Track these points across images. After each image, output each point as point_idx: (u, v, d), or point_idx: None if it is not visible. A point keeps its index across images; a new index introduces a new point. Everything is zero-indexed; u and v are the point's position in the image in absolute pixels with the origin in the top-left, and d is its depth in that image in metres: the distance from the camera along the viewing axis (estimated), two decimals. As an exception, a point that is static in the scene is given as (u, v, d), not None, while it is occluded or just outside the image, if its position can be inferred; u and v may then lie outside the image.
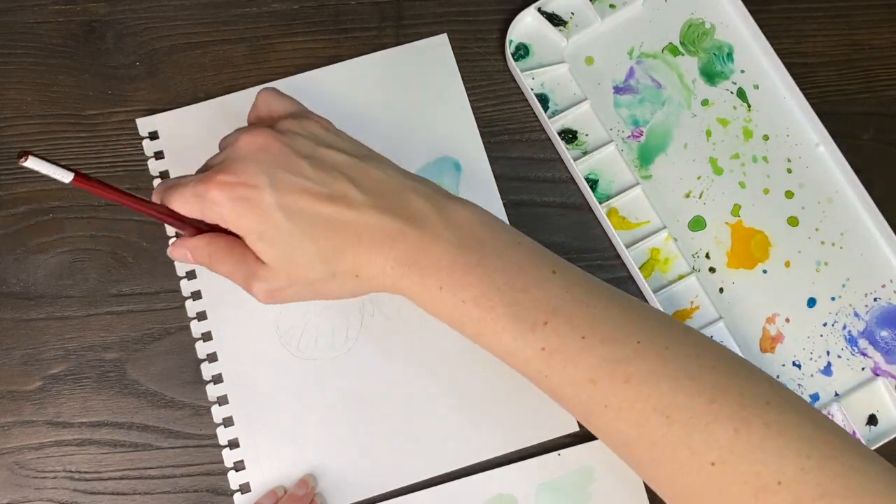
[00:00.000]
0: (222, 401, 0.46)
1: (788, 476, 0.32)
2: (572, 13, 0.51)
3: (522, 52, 0.51)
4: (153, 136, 0.49)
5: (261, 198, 0.37)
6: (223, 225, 0.38)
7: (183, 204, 0.38)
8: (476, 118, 0.50)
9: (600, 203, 0.48)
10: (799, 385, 0.47)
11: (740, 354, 0.46)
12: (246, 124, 0.43)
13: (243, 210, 0.37)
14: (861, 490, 0.32)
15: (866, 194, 0.49)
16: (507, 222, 0.49)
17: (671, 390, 0.34)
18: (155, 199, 0.39)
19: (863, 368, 0.48)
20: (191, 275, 0.48)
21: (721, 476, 0.33)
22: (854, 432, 0.46)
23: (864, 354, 0.48)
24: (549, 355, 0.36)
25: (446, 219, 0.38)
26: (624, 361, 0.35)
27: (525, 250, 0.39)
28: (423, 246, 0.37)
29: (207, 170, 0.39)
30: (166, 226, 0.48)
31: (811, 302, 0.48)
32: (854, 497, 0.32)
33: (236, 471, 0.46)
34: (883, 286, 0.49)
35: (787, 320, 0.48)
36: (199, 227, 0.40)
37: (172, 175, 0.49)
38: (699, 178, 0.50)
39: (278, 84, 0.50)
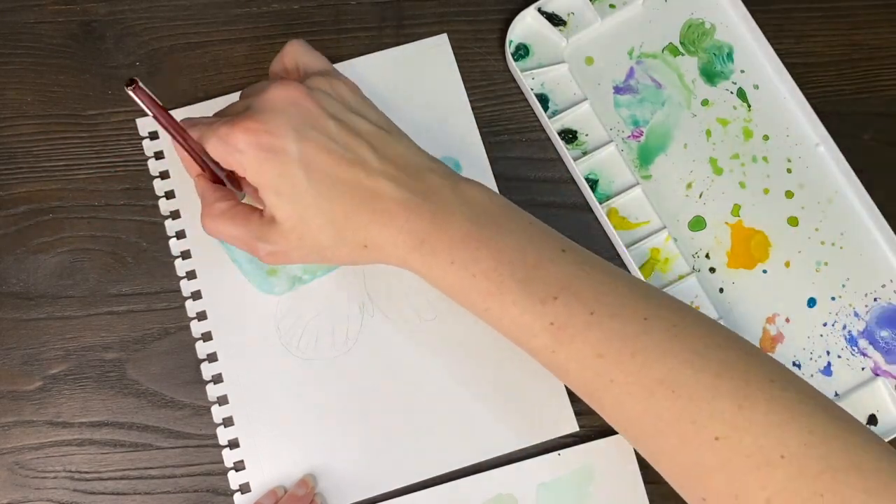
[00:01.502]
0: (222, 401, 0.46)
1: (792, 450, 0.33)
2: (572, 13, 0.51)
3: (522, 52, 0.51)
4: (153, 136, 0.49)
5: (285, 151, 0.37)
6: (241, 173, 0.38)
7: (206, 143, 0.38)
8: (476, 118, 0.50)
9: (600, 203, 0.48)
10: (799, 385, 0.47)
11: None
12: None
13: (265, 161, 0.37)
14: (863, 465, 0.32)
15: (866, 194, 0.49)
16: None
17: (678, 365, 0.34)
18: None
19: (863, 368, 0.48)
20: (191, 275, 0.48)
21: (725, 450, 0.33)
22: (854, 432, 0.46)
23: (864, 354, 0.48)
24: (557, 329, 0.36)
25: (461, 196, 0.39)
26: (632, 337, 0.35)
27: (536, 229, 0.39)
28: (437, 221, 0.38)
29: (228, 116, 0.39)
30: (166, 226, 0.48)
31: (811, 302, 0.48)
32: (856, 471, 0.32)
33: (236, 471, 0.46)
34: (883, 286, 0.49)
35: (787, 320, 0.48)
36: (216, 175, 0.41)
37: (173, 175, 0.49)
38: (699, 178, 0.50)
39: (278, 84, 0.50)
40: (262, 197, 0.38)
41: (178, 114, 0.49)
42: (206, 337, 0.47)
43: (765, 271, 0.49)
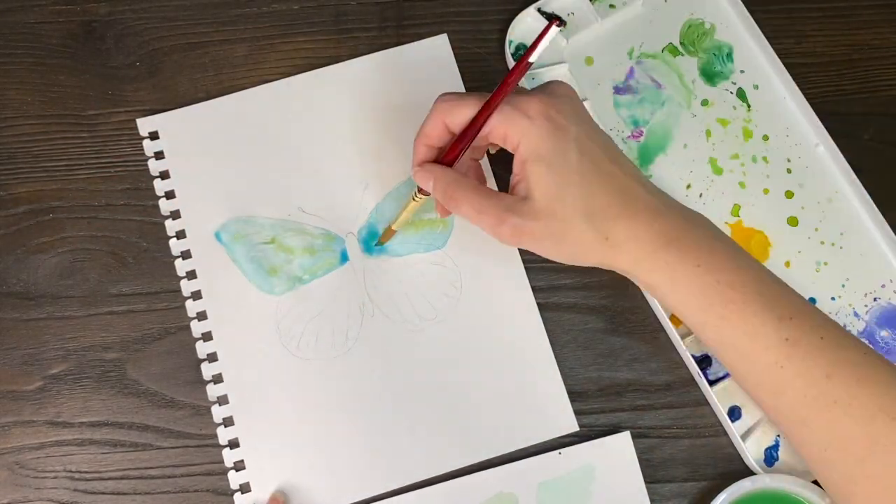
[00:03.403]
0: (222, 401, 0.46)
1: None
2: (572, 13, 0.51)
3: (522, 52, 0.51)
4: (153, 136, 0.49)
5: (566, 129, 0.39)
6: (514, 142, 0.40)
7: (499, 107, 0.39)
8: (476, 118, 0.50)
9: (600, 203, 0.48)
10: (799, 385, 0.47)
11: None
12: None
13: (549, 132, 0.39)
14: None
15: (866, 194, 0.49)
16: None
17: None
18: (442, 105, 0.41)
19: (863, 368, 0.48)
20: (191, 275, 0.48)
21: None
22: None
23: (864, 354, 0.48)
24: (790, 346, 0.38)
25: (697, 214, 0.41)
26: (857, 365, 0.38)
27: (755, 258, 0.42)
28: (685, 227, 0.40)
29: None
30: (166, 225, 0.48)
31: (811, 302, 0.48)
32: None
33: (236, 471, 0.46)
34: (883, 286, 0.49)
35: (787, 320, 0.48)
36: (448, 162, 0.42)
37: (173, 176, 0.49)
38: (699, 178, 0.50)
39: (278, 84, 0.50)
40: (527, 170, 0.39)
41: (178, 114, 0.49)
42: (206, 337, 0.47)
43: (765, 271, 0.49)
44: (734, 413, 0.46)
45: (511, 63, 0.50)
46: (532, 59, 0.39)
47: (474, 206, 0.40)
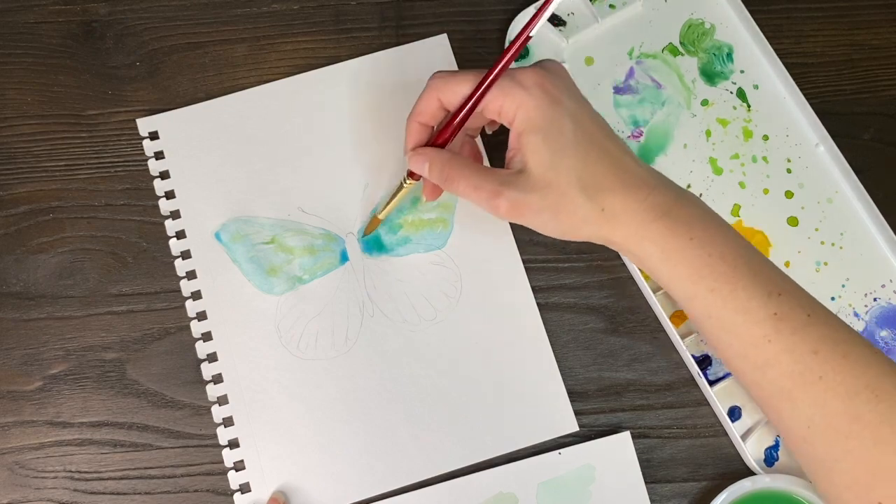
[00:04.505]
0: (222, 401, 0.46)
1: None
2: (572, 13, 0.51)
3: (522, 52, 0.51)
4: (153, 136, 0.49)
5: (561, 102, 0.40)
6: (510, 115, 0.40)
7: (497, 80, 0.40)
8: (476, 118, 0.50)
9: (600, 203, 0.48)
10: (799, 385, 0.47)
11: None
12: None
13: (544, 103, 0.39)
14: None
15: (866, 194, 0.49)
16: (508, 222, 0.49)
17: (881, 374, 0.38)
18: (436, 82, 0.42)
19: (863, 368, 0.48)
20: (191, 275, 0.48)
21: None
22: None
23: (864, 354, 0.48)
24: (779, 321, 0.38)
25: (687, 192, 0.42)
26: (842, 342, 0.38)
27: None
28: (678, 202, 0.40)
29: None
30: (166, 225, 0.48)
31: (811, 302, 0.48)
32: None
33: (236, 471, 0.46)
34: (883, 286, 0.49)
35: (787, 320, 0.48)
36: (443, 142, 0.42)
37: (173, 175, 0.49)
38: (699, 178, 0.50)
39: (278, 84, 0.50)
40: (523, 142, 0.40)
41: (178, 114, 0.49)
42: (206, 337, 0.47)
43: (765, 271, 0.49)
44: (734, 413, 0.46)
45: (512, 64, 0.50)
46: (532, 32, 0.39)
47: (470, 182, 0.40)
